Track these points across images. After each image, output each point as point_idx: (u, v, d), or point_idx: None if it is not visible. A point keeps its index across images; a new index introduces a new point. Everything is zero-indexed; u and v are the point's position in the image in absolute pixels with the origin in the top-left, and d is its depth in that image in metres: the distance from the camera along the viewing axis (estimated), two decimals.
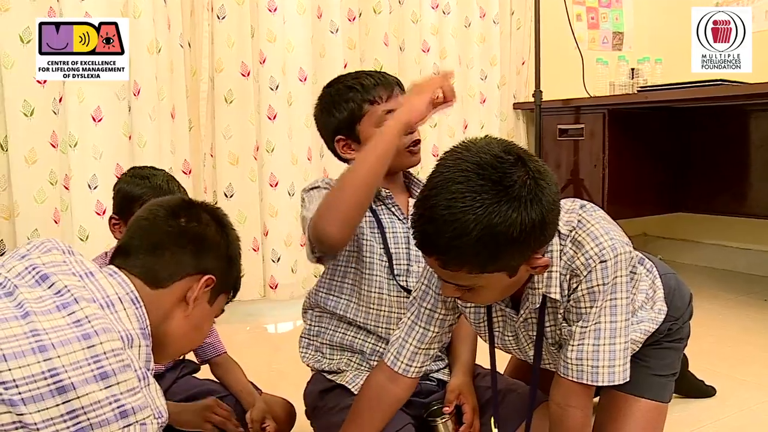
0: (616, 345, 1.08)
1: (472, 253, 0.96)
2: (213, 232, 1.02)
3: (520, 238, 0.95)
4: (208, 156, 2.55)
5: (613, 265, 1.05)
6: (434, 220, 0.96)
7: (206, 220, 1.03)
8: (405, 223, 1.42)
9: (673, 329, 1.35)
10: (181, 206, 1.03)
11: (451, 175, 0.96)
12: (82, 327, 0.81)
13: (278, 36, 2.57)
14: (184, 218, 1.00)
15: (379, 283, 1.37)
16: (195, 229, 1.01)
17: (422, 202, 0.99)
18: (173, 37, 2.41)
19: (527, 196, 0.94)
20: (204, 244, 1.00)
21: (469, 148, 0.98)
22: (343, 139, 1.42)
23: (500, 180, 0.94)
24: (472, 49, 3.15)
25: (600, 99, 3.01)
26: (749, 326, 2.48)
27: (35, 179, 2.16)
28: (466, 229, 0.93)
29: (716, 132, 3.12)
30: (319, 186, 1.40)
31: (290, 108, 2.63)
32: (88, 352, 0.79)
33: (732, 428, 1.66)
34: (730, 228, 3.37)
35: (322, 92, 1.47)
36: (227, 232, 1.05)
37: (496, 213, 0.93)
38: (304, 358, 1.49)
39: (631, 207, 3.13)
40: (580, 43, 3.03)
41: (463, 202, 0.93)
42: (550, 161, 3.13)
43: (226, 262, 1.03)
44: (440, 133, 3.04)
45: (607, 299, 1.07)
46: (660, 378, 1.33)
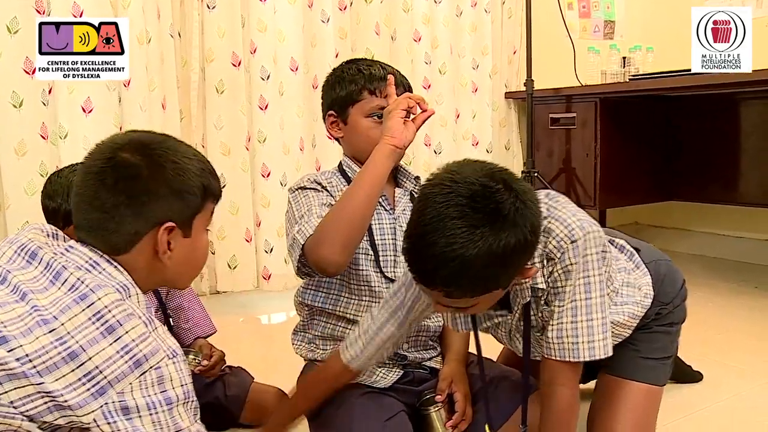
0: (594, 321, 1.11)
1: (477, 283, 1.00)
2: (146, 177, 0.92)
3: (518, 258, 1.01)
4: (200, 147, 2.54)
5: (583, 243, 1.09)
6: (434, 257, 0.97)
7: (135, 166, 0.92)
8: (391, 214, 1.43)
9: (662, 313, 1.36)
10: (105, 166, 0.92)
11: (446, 211, 0.96)
12: (78, 290, 0.83)
13: (269, 26, 2.56)
14: (112, 178, 0.91)
15: (367, 277, 1.38)
16: (126, 186, 0.91)
17: (419, 240, 0.99)
18: (163, 27, 2.40)
19: (520, 219, 0.98)
20: (141, 198, 0.91)
21: (455, 179, 0.98)
22: (333, 116, 1.44)
23: (495, 210, 0.96)
24: (464, 38, 3.14)
25: (591, 88, 3.02)
26: (740, 314, 2.49)
27: (25, 171, 2.15)
28: (470, 263, 0.96)
29: (708, 120, 3.13)
30: (305, 186, 1.40)
31: (282, 98, 2.62)
32: (89, 311, 0.81)
33: (722, 414, 1.67)
34: (722, 216, 3.38)
35: (337, 66, 1.48)
36: (162, 164, 0.93)
37: (496, 243, 0.95)
38: (297, 349, 1.50)
39: (622, 196, 3.14)
40: (572, 32, 3.03)
41: (463, 238, 0.95)
42: (542, 150, 3.14)
43: (177, 197, 0.93)
44: (432, 123, 3.03)
45: (580, 277, 1.10)
46: (650, 361, 1.35)
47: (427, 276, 1.01)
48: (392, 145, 1.29)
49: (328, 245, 1.23)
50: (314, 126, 2.73)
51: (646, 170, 3.17)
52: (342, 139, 1.47)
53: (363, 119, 1.39)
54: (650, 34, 3.33)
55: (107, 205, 0.91)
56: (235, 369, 1.67)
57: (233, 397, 1.59)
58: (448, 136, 3.10)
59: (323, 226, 1.25)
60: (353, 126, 1.41)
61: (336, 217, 1.25)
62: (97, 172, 0.92)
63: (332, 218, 1.25)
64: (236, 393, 1.59)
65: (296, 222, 1.32)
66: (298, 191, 1.41)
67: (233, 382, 1.62)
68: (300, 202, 1.37)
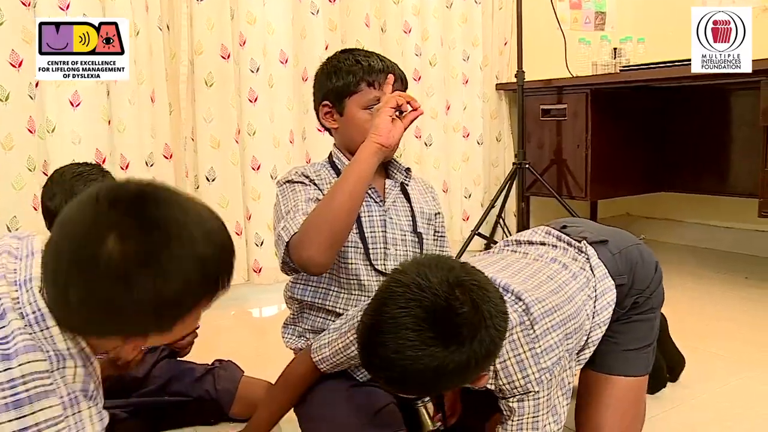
0: (549, 425, 1.16)
1: (418, 390, 1.09)
2: (122, 287, 0.72)
3: (465, 377, 1.03)
4: (189, 140, 2.52)
5: (537, 395, 1.12)
6: (382, 358, 0.98)
7: (119, 266, 0.71)
8: (381, 206, 1.42)
9: (639, 302, 1.36)
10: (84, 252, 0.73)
11: (403, 320, 0.96)
12: (3, 346, 0.73)
13: (258, 18, 2.54)
14: (88, 272, 0.72)
15: (356, 270, 1.37)
16: (99, 292, 0.72)
17: (372, 333, 1.00)
18: (151, 19, 2.37)
19: (476, 345, 0.97)
20: (111, 309, 0.73)
21: (422, 286, 0.97)
22: (328, 106, 1.43)
23: (452, 334, 0.96)
24: (454, 29, 3.12)
25: (582, 79, 3.01)
26: (730, 304, 2.50)
27: (12, 165, 2.13)
28: (413, 375, 0.97)
29: (698, 111, 3.14)
30: (292, 180, 1.39)
31: (271, 90, 2.60)
32: (5, 376, 0.71)
33: (712, 405, 1.68)
34: (713, 207, 3.39)
35: (332, 55, 1.47)
36: (157, 267, 0.73)
37: (444, 363, 0.96)
38: (288, 343, 1.50)
39: (614, 187, 3.14)
40: (563, 23, 3.02)
41: (412, 351, 0.96)
42: (533, 142, 3.14)
43: (151, 314, 0.74)
44: (423, 115, 3.01)
45: (541, 409, 1.14)
46: (631, 352, 1.35)
47: (372, 369, 1.03)
48: (378, 143, 1.28)
49: (312, 246, 1.22)
50: (304, 118, 2.72)
51: (637, 161, 3.18)
52: (336, 131, 1.46)
53: (360, 111, 1.38)
54: (641, 25, 3.33)
55: (74, 297, 0.74)
56: (226, 363, 1.67)
57: (223, 390, 1.59)
58: (438, 128, 3.09)
59: (307, 225, 1.25)
60: (349, 118, 1.40)
61: (320, 217, 1.24)
62: (74, 252, 0.74)
63: (316, 218, 1.24)
64: (226, 387, 1.59)
65: (282, 218, 1.32)
66: (285, 185, 1.40)
67: (223, 376, 1.62)
68: (287, 197, 1.37)
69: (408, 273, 1.00)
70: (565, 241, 1.36)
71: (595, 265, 1.31)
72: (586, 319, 1.23)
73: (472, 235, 2.94)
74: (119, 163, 2.32)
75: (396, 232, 1.42)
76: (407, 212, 1.47)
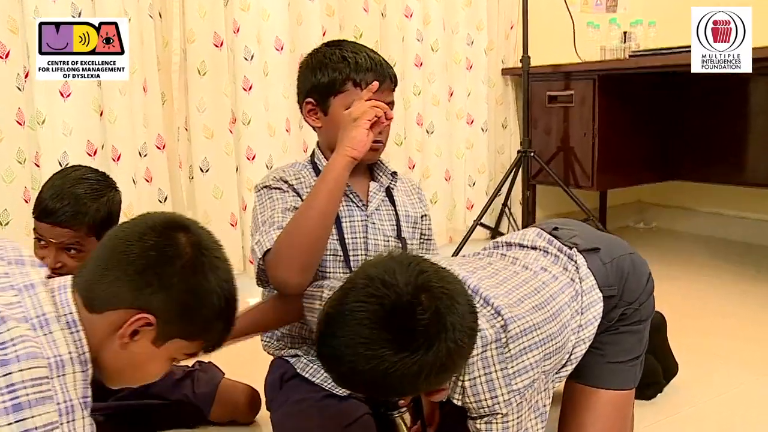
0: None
1: (365, 390, 1.04)
2: (176, 269, 0.88)
3: (417, 382, 0.96)
4: (183, 130, 2.48)
5: (505, 417, 1.07)
6: (333, 348, 0.95)
7: (178, 253, 0.88)
8: (364, 211, 1.38)
9: (627, 314, 1.31)
10: (156, 228, 0.90)
11: (360, 315, 0.92)
12: (3, 350, 0.75)
13: (252, 4, 2.48)
14: (152, 242, 0.87)
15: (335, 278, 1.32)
16: (151, 259, 0.87)
17: (331, 321, 0.96)
18: (142, 7, 2.32)
19: (430, 356, 0.92)
20: (154, 279, 0.87)
21: (387, 284, 0.93)
22: (312, 104, 1.37)
23: (405, 338, 0.92)
24: (458, 13, 3.03)
25: (590, 64, 2.91)
26: (737, 299, 2.43)
27: (2, 158, 2.11)
28: (358, 374, 0.94)
29: (712, 98, 3.01)
30: (270, 186, 1.35)
31: (266, 78, 2.55)
32: (3, 381, 0.74)
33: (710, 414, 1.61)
34: (727, 196, 3.29)
35: (318, 47, 1.41)
36: (201, 275, 0.90)
37: (392, 368, 0.91)
38: (266, 347, 1.49)
39: (622, 176, 3.05)
40: (572, 5, 2.91)
41: (360, 348, 0.92)
42: (539, 129, 3.06)
43: (179, 308, 0.88)
44: (425, 102, 2.95)
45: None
46: (617, 365, 1.30)
47: (323, 360, 1.00)
48: (352, 157, 1.22)
49: (285, 267, 1.19)
50: None
51: (647, 150, 3.08)
52: (320, 130, 1.41)
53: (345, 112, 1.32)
54: (653, 8, 3.20)
55: (125, 257, 0.87)
56: (206, 365, 1.64)
57: (202, 394, 1.57)
58: (441, 115, 3.01)
59: (280, 244, 1.21)
60: (334, 119, 1.33)
61: (292, 237, 1.20)
62: (144, 230, 0.89)
63: (288, 239, 1.20)
64: (205, 390, 1.58)
65: (257, 229, 1.28)
66: (263, 190, 1.36)
67: (203, 379, 1.60)
68: (264, 205, 1.33)
69: (377, 267, 0.96)
70: (557, 246, 1.30)
71: (583, 276, 1.25)
72: (571, 334, 1.18)
73: (475, 225, 2.88)
74: (111, 154, 2.29)
75: (378, 238, 1.38)
76: (391, 216, 1.42)
